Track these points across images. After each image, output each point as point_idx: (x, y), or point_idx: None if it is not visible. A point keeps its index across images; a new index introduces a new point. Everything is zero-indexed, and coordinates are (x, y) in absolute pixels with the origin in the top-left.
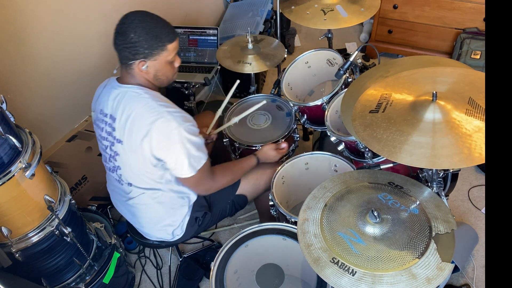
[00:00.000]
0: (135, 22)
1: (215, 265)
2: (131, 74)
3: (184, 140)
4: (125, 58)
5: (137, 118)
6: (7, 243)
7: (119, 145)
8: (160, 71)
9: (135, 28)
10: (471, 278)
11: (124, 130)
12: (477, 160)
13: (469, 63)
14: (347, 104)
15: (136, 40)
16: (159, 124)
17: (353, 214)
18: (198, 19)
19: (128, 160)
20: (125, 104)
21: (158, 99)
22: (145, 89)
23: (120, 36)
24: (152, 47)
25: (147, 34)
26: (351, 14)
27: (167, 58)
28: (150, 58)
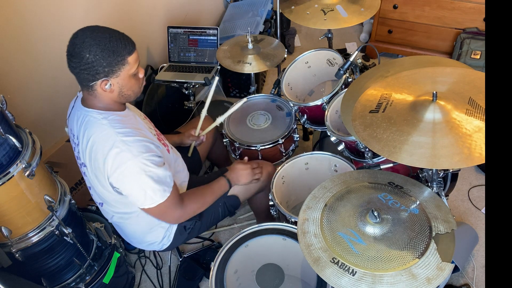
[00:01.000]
0: (87, 40)
1: (215, 265)
2: (93, 96)
3: (140, 172)
4: (85, 80)
5: (94, 146)
6: (7, 243)
7: (85, 169)
8: (125, 87)
9: (89, 47)
10: (471, 278)
11: (86, 155)
12: (477, 160)
13: (469, 63)
14: (347, 104)
15: (92, 59)
16: (113, 155)
17: (353, 214)
18: (198, 19)
19: (94, 183)
20: (86, 129)
21: (119, 124)
22: (105, 113)
23: (74, 59)
24: (111, 64)
25: (103, 51)
26: (351, 14)
27: (130, 72)
28: (111, 75)
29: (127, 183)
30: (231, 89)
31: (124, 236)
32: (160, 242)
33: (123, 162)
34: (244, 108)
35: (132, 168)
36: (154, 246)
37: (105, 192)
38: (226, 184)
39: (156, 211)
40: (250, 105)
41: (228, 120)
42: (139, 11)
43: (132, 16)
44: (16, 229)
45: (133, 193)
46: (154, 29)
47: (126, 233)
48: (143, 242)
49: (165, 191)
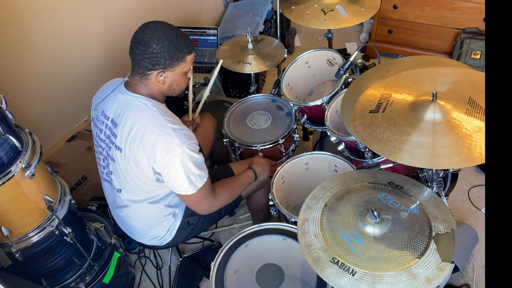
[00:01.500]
0: (157, 32)
1: (215, 265)
2: (144, 84)
3: (186, 158)
4: (144, 67)
5: (141, 131)
6: (7, 243)
7: (118, 152)
8: (175, 82)
9: (158, 39)
10: (471, 278)
11: (126, 139)
12: (477, 160)
13: (469, 63)
14: (347, 104)
15: (158, 51)
16: (163, 140)
17: (353, 214)
18: (198, 19)
19: (125, 168)
20: (131, 114)
21: (166, 114)
22: (153, 101)
23: (141, 46)
24: (173, 59)
25: (170, 45)
26: (351, 14)
27: (184, 69)
28: (169, 69)
29: (174, 168)
30: (231, 89)
31: (128, 229)
32: (162, 236)
33: (173, 147)
34: (244, 108)
35: (181, 154)
36: (155, 240)
37: (138, 177)
38: (253, 176)
39: (193, 198)
40: (250, 105)
41: (228, 120)
42: (139, 11)
43: (132, 16)
44: (16, 229)
45: (178, 178)
46: None
47: (131, 225)
48: (146, 236)
49: (203, 177)
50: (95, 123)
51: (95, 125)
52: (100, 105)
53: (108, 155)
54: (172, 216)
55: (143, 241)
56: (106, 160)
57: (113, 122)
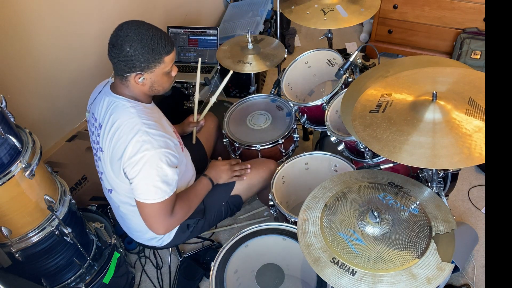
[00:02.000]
0: (130, 34)
1: (215, 265)
2: (125, 85)
3: (152, 165)
4: (121, 70)
5: (118, 131)
6: (7, 243)
7: (101, 153)
8: (156, 83)
9: (130, 42)
10: (471, 278)
11: (106, 140)
12: (477, 160)
13: (469, 63)
14: (347, 104)
15: (132, 53)
16: (134, 142)
17: (353, 214)
18: (198, 19)
19: (107, 169)
20: (111, 115)
21: (145, 115)
22: (134, 103)
23: (115, 49)
24: (148, 61)
25: (143, 47)
26: (351, 14)
27: (164, 70)
28: (146, 71)
29: (137, 171)
30: (231, 89)
31: (127, 228)
32: (160, 238)
33: (141, 151)
34: (244, 108)
35: (147, 159)
36: (154, 241)
37: (116, 180)
38: (209, 183)
39: (148, 210)
40: (250, 105)
41: (228, 120)
42: (139, 11)
43: (132, 16)
44: (16, 229)
45: (138, 182)
46: None
47: (129, 225)
48: (144, 236)
49: (165, 193)
50: (89, 126)
51: (89, 128)
52: (92, 107)
53: (97, 157)
54: None
55: (142, 241)
56: (98, 161)
57: (100, 124)
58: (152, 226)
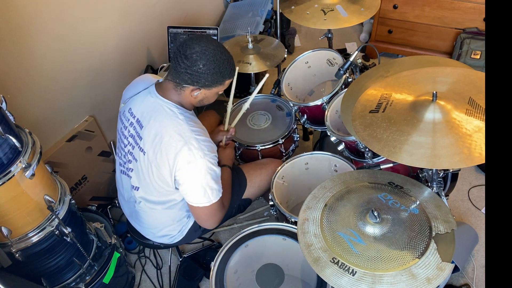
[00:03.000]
0: (207, 53)
1: (215, 265)
2: (177, 92)
3: (206, 171)
4: (182, 80)
5: (165, 139)
6: (7, 243)
7: (141, 154)
8: (206, 98)
9: (206, 60)
10: (471, 278)
11: (151, 143)
12: (477, 160)
13: (469, 63)
14: (347, 104)
15: (203, 71)
16: (186, 151)
17: (353, 214)
18: (198, 19)
19: (147, 171)
20: (157, 119)
21: (192, 123)
22: (182, 109)
23: (187, 61)
24: (214, 81)
25: (215, 69)
26: (351, 14)
27: (219, 90)
28: (206, 88)
29: (192, 179)
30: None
31: (139, 224)
32: (173, 236)
33: (194, 159)
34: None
35: (201, 166)
36: (165, 239)
37: (156, 181)
38: (230, 171)
39: (206, 211)
40: (250, 105)
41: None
42: (139, 11)
43: (132, 16)
44: (16, 229)
45: (194, 189)
46: (154, 29)
47: (145, 222)
48: (156, 234)
49: (219, 191)
50: (121, 118)
51: (121, 119)
52: (130, 101)
53: (130, 153)
54: (187, 218)
55: (152, 237)
56: (127, 156)
57: (139, 122)
58: (208, 223)
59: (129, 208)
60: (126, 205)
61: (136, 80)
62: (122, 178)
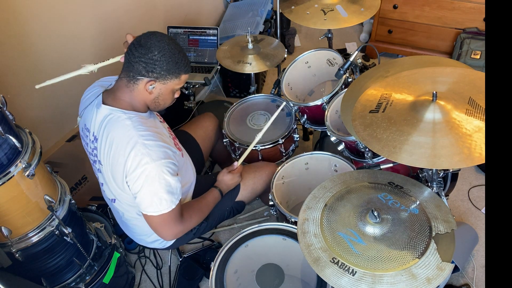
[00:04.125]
0: (163, 41)
1: (215, 265)
2: (130, 89)
3: (154, 178)
4: (136, 71)
5: (114, 145)
6: (7, 243)
7: (102, 167)
8: (162, 96)
9: (161, 48)
10: (471, 278)
11: (104, 154)
12: (477, 160)
13: (469, 63)
14: (347, 104)
15: (158, 58)
16: (133, 156)
17: (353, 214)
18: (198, 19)
19: (110, 181)
20: (107, 129)
21: (142, 126)
22: (130, 113)
23: (141, 49)
24: (169, 71)
25: (170, 57)
26: (351, 14)
27: (175, 87)
28: (161, 80)
29: (139, 185)
30: (231, 89)
31: (129, 233)
32: (163, 241)
33: (141, 164)
34: (244, 108)
35: (148, 172)
36: (156, 244)
37: (120, 191)
38: (219, 195)
39: (156, 221)
40: (250, 105)
41: (228, 120)
42: (139, 11)
43: (132, 16)
44: (16, 229)
45: (142, 196)
46: (154, 29)
47: (132, 230)
48: (147, 240)
49: (172, 202)
50: (81, 134)
51: (82, 137)
52: (83, 115)
53: (96, 169)
54: None
55: (144, 244)
56: (97, 172)
57: (95, 137)
58: (161, 235)
59: (118, 219)
60: (115, 217)
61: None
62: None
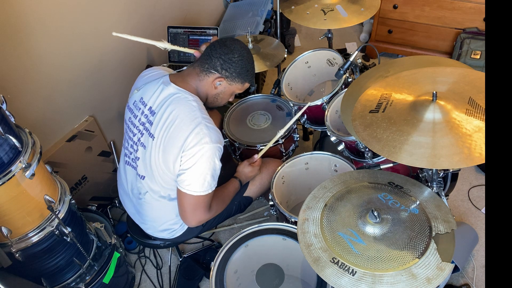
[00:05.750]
0: (244, 50)
1: (215, 265)
2: (199, 78)
3: (208, 159)
4: (213, 65)
5: (177, 121)
6: (7, 243)
7: (150, 140)
8: (222, 94)
9: (242, 54)
10: (471, 278)
11: (162, 127)
12: (477, 160)
13: (469, 63)
14: (347, 104)
15: (236, 61)
16: (196, 132)
17: (353, 214)
18: (198, 19)
19: (154, 156)
20: (172, 105)
21: (204, 111)
22: (196, 97)
23: (224, 48)
24: (239, 75)
25: (244, 65)
26: (351, 14)
27: (236, 90)
28: (229, 81)
29: (193, 162)
30: None
31: (141, 217)
32: (174, 230)
33: (201, 143)
34: (244, 108)
35: (205, 151)
36: (165, 233)
37: (163, 167)
38: (239, 186)
39: (190, 201)
40: (250, 105)
41: (228, 120)
42: (139, 11)
43: (132, 16)
44: (16, 229)
45: (191, 173)
46: (154, 29)
47: (148, 215)
48: (159, 227)
49: (210, 187)
50: (131, 108)
51: (130, 110)
52: (141, 91)
53: (139, 141)
54: None
55: (152, 232)
56: (136, 145)
57: (151, 110)
58: (188, 218)
59: (131, 202)
60: (128, 200)
61: (146, 73)
62: (127, 170)
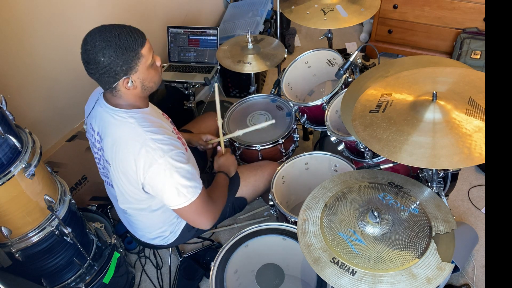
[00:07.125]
0: (97, 44)
1: (215, 265)
2: (117, 96)
3: (171, 170)
4: (107, 83)
5: (122, 145)
6: (7, 243)
7: (108, 166)
8: (146, 80)
9: (101, 50)
10: (471, 278)
11: (111, 154)
12: (477, 160)
13: (469, 63)
14: (347, 104)
15: (108, 62)
16: (144, 154)
17: (353, 214)
18: (198, 19)
19: (118, 181)
20: (110, 128)
21: (146, 123)
22: (131, 112)
23: (91, 65)
24: (127, 61)
25: (116, 50)
26: (351, 14)
27: (147, 64)
28: (131, 72)
29: (159, 181)
30: (231, 89)
31: (131, 228)
32: (166, 237)
33: (154, 160)
34: (244, 108)
35: (164, 165)
36: (158, 240)
37: (129, 188)
38: (226, 177)
39: (190, 211)
40: (250, 105)
41: (228, 120)
42: (139, 11)
43: (132, 16)
44: (16, 229)
45: (166, 192)
46: (154, 29)
47: (136, 226)
48: (149, 235)
49: (196, 188)
50: (87, 134)
51: (88, 136)
52: (89, 118)
53: (104, 167)
54: (176, 218)
55: (145, 240)
56: (104, 173)
57: (99, 135)
58: (198, 224)
59: (121, 214)
60: (118, 213)
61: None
62: (108, 189)
